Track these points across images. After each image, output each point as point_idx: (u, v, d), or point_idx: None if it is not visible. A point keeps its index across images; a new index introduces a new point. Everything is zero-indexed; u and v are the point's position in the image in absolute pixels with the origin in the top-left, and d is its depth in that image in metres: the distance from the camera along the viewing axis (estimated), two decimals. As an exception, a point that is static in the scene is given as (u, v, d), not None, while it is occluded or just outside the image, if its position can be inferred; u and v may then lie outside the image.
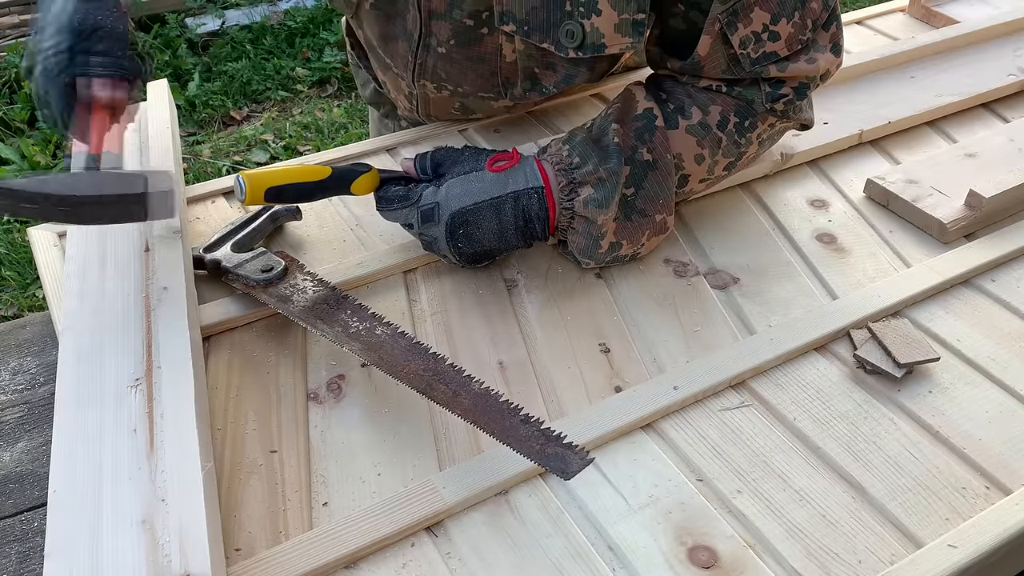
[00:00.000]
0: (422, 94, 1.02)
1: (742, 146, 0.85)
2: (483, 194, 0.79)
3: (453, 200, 0.79)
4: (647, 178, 0.81)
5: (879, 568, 0.59)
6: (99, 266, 0.77)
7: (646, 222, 0.82)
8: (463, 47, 0.92)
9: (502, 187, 0.79)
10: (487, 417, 0.65)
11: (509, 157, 0.81)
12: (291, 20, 3.24)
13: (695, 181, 0.86)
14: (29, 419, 0.75)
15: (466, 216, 0.78)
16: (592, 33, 0.83)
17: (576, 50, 0.85)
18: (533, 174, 0.80)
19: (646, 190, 0.81)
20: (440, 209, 0.79)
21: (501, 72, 0.95)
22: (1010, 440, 0.68)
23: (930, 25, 1.31)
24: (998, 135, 1.01)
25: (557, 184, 0.80)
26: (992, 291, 0.83)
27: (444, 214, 0.78)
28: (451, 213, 0.78)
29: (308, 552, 0.59)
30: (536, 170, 0.80)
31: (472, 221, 0.79)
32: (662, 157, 0.81)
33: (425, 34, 0.93)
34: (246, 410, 0.71)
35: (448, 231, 0.79)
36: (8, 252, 2.21)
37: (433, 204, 0.79)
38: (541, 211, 0.79)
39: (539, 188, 0.79)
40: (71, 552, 0.55)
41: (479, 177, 0.79)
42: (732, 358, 0.74)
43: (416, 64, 0.96)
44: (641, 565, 0.59)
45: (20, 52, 2.91)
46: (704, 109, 0.83)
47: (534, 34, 0.86)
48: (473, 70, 0.95)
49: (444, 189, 0.79)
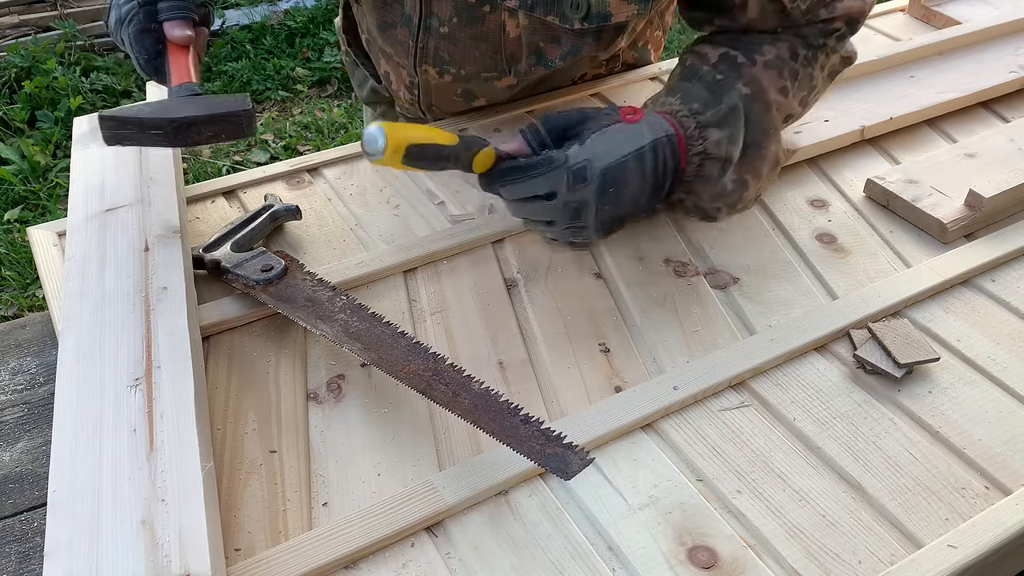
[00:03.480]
0: (423, 81, 1.01)
1: (814, 77, 0.85)
2: (628, 145, 0.74)
3: (602, 155, 0.73)
4: (753, 110, 0.80)
5: (879, 568, 0.59)
6: (99, 266, 0.77)
7: (763, 155, 0.81)
8: (466, 25, 0.92)
9: (640, 138, 0.75)
10: (487, 417, 0.65)
11: (634, 110, 0.77)
12: (291, 20, 3.25)
13: (781, 118, 0.84)
14: (29, 419, 0.75)
15: (615, 171, 0.73)
16: (597, 3, 0.82)
17: (582, 21, 0.84)
18: (661, 123, 0.76)
19: (756, 122, 0.80)
20: (591, 166, 0.72)
21: (505, 49, 0.94)
22: (1010, 440, 0.68)
23: (930, 25, 1.31)
24: (998, 135, 1.01)
25: (684, 131, 0.77)
26: (992, 291, 0.83)
27: (596, 172, 0.72)
28: (602, 168, 0.73)
29: (308, 552, 0.59)
30: (662, 120, 0.77)
31: (620, 178, 0.74)
32: (760, 88, 0.80)
33: (426, 15, 0.92)
34: (246, 410, 0.71)
35: (599, 190, 0.73)
36: (8, 252, 2.21)
37: (584, 161, 0.72)
38: (674, 161, 0.77)
39: (672, 135, 0.76)
40: (71, 552, 0.55)
41: (620, 129, 0.75)
42: (732, 358, 0.74)
43: (417, 49, 0.96)
44: (641, 565, 0.59)
45: (20, 52, 2.91)
46: (775, 45, 0.83)
47: (538, 7, 0.85)
48: (476, 48, 0.94)
49: (589, 145, 0.73)
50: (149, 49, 0.82)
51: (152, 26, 0.81)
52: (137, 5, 0.81)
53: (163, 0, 0.81)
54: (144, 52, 0.82)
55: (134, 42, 0.82)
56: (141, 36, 0.81)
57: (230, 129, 0.77)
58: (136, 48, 0.82)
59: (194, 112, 0.75)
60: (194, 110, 0.75)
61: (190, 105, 0.76)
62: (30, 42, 2.99)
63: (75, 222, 0.82)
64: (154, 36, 0.81)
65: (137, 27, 0.81)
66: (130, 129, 0.74)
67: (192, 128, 0.75)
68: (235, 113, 0.76)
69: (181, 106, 0.76)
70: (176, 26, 0.81)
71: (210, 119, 0.75)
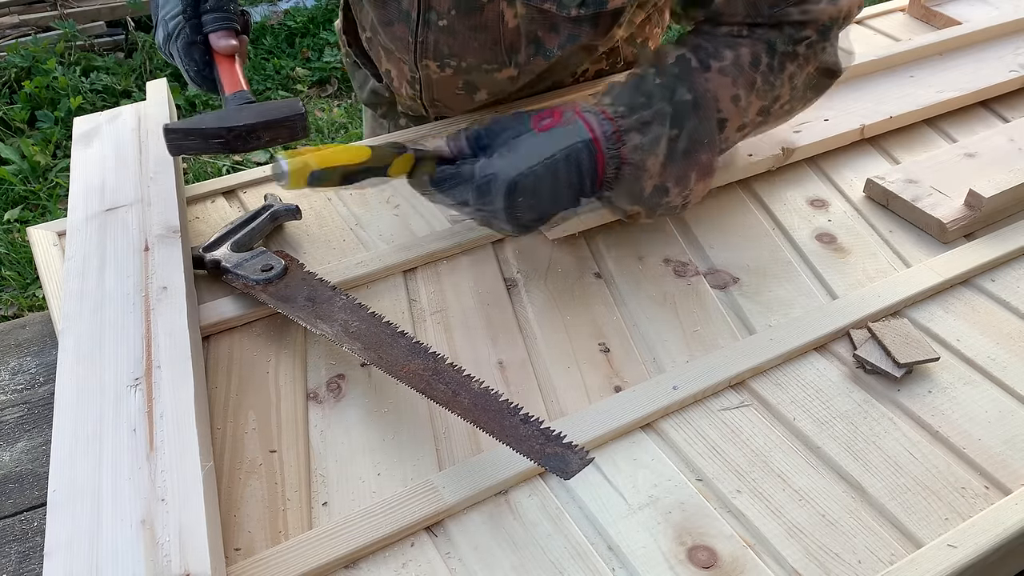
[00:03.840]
0: (425, 76, 1.01)
1: (775, 88, 0.84)
2: (535, 156, 0.76)
3: (507, 168, 0.75)
4: (689, 118, 0.79)
5: (879, 568, 0.59)
6: (99, 266, 0.77)
7: (691, 163, 0.80)
8: (464, 17, 0.92)
9: (553, 145, 0.76)
10: (487, 417, 0.65)
11: (551, 114, 0.78)
12: (291, 20, 3.25)
13: (732, 128, 0.84)
14: (29, 419, 0.75)
15: (523, 182, 0.75)
16: None
17: (579, 7, 0.85)
18: (579, 128, 0.77)
19: (689, 130, 0.79)
20: (496, 180, 0.75)
21: (504, 39, 0.95)
22: (1010, 440, 0.68)
23: (930, 25, 1.31)
24: (998, 135, 1.01)
25: (603, 134, 0.78)
26: (992, 291, 0.83)
27: (500, 185, 0.75)
28: (507, 182, 0.75)
29: (308, 552, 0.59)
30: (581, 123, 0.78)
31: (528, 187, 0.75)
32: (703, 96, 0.80)
33: (424, 9, 0.93)
34: (246, 410, 0.71)
35: (507, 202, 0.75)
36: (8, 252, 2.21)
37: (489, 176, 0.75)
38: (591, 164, 0.77)
39: (587, 140, 0.77)
40: (71, 552, 0.55)
41: (527, 139, 0.77)
42: (732, 358, 0.74)
43: (417, 43, 0.96)
44: (641, 565, 0.59)
45: (20, 52, 2.92)
46: (735, 50, 0.82)
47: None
48: (476, 40, 0.95)
49: (496, 159, 0.76)
50: (199, 61, 0.85)
51: (199, 38, 0.84)
52: (183, 20, 0.84)
53: (207, 13, 0.84)
54: (194, 64, 0.85)
55: (184, 55, 0.85)
56: (190, 49, 0.84)
57: (285, 133, 0.80)
58: (186, 61, 0.85)
59: (251, 119, 0.78)
60: (251, 117, 0.79)
61: (246, 113, 0.80)
62: (30, 42, 2.99)
63: (75, 222, 0.82)
64: (202, 48, 0.85)
65: (185, 40, 0.84)
66: (193, 139, 0.78)
67: (251, 135, 0.78)
68: (290, 118, 0.80)
69: (238, 114, 0.79)
70: (221, 36, 0.84)
71: (267, 125, 0.79)
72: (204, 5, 0.84)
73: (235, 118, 0.79)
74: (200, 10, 0.84)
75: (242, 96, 0.83)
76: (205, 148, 0.80)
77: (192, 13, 0.84)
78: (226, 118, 0.79)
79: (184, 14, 0.84)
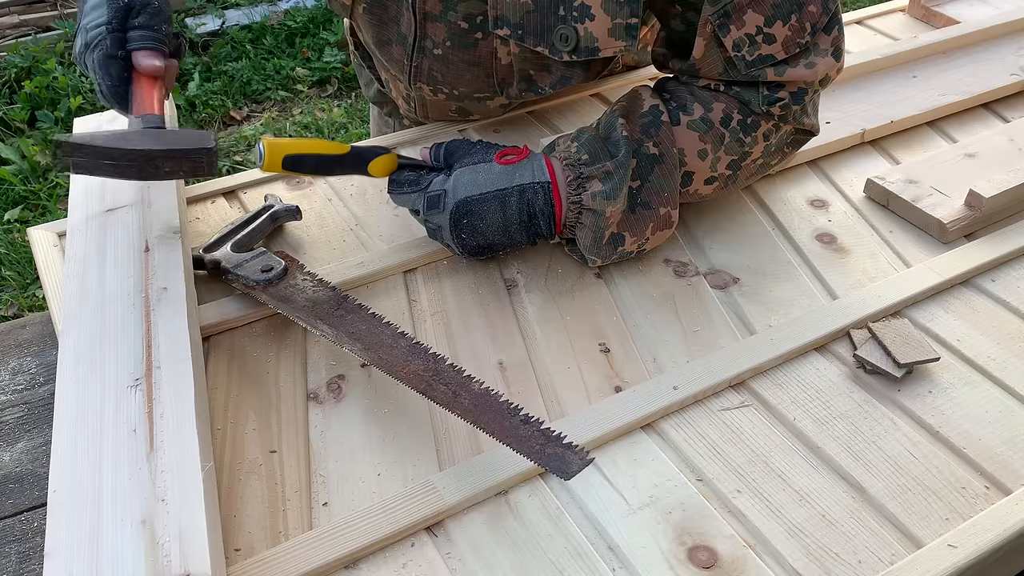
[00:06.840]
0: (419, 96, 1.02)
1: (746, 145, 0.85)
2: (489, 185, 0.79)
3: (460, 189, 0.79)
4: (653, 171, 0.81)
5: (879, 568, 0.59)
6: (99, 266, 0.77)
7: (650, 215, 0.82)
8: (458, 50, 0.93)
9: (508, 180, 0.79)
10: (487, 417, 0.65)
11: (518, 152, 0.81)
12: (291, 20, 3.24)
13: (699, 180, 0.85)
14: (29, 419, 0.75)
15: (471, 206, 0.79)
16: (586, 37, 0.83)
17: (571, 53, 0.85)
18: (540, 169, 0.80)
19: (651, 183, 0.81)
20: (446, 197, 0.79)
21: (497, 74, 0.96)
22: (1010, 440, 0.68)
23: (930, 25, 1.31)
24: (998, 135, 1.01)
25: (564, 179, 0.80)
26: (992, 291, 0.83)
27: (449, 202, 0.79)
28: (456, 202, 0.79)
29: (308, 552, 0.59)
30: (544, 166, 0.80)
31: (476, 211, 0.79)
32: (668, 151, 0.81)
33: (420, 36, 0.93)
34: (246, 410, 0.71)
35: (452, 220, 0.79)
36: (8, 252, 2.21)
37: (440, 191, 0.79)
38: (546, 207, 0.79)
39: (545, 183, 0.79)
40: (71, 552, 0.55)
41: (487, 168, 0.80)
42: (732, 358, 0.74)
43: (412, 67, 0.97)
44: (641, 565, 0.59)
45: (20, 52, 2.91)
46: (707, 106, 0.83)
47: (528, 38, 0.86)
48: (469, 72, 0.95)
49: (452, 178, 0.80)
50: (115, 76, 0.78)
51: (119, 53, 0.78)
52: (106, 31, 0.78)
53: (134, 29, 0.79)
54: (108, 79, 0.78)
55: (99, 68, 0.78)
56: (107, 62, 0.78)
57: (189, 167, 0.74)
58: (100, 74, 0.78)
59: (152, 146, 0.72)
60: (152, 143, 0.72)
61: (149, 138, 0.73)
62: (30, 42, 2.99)
63: (75, 222, 0.82)
64: (121, 64, 0.78)
65: (103, 53, 0.78)
66: (82, 157, 0.71)
67: (149, 162, 0.72)
68: (196, 151, 0.73)
69: (140, 138, 0.73)
70: (146, 56, 0.79)
71: (168, 154, 0.72)
72: (132, 20, 0.79)
73: (135, 141, 0.72)
74: (127, 25, 0.79)
75: (151, 120, 0.76)
76: (94, 169, 0.72)
77: (117, 26, 0.78)
78: (126, 139, 0.72)
79: (108, 26, 0.78)
